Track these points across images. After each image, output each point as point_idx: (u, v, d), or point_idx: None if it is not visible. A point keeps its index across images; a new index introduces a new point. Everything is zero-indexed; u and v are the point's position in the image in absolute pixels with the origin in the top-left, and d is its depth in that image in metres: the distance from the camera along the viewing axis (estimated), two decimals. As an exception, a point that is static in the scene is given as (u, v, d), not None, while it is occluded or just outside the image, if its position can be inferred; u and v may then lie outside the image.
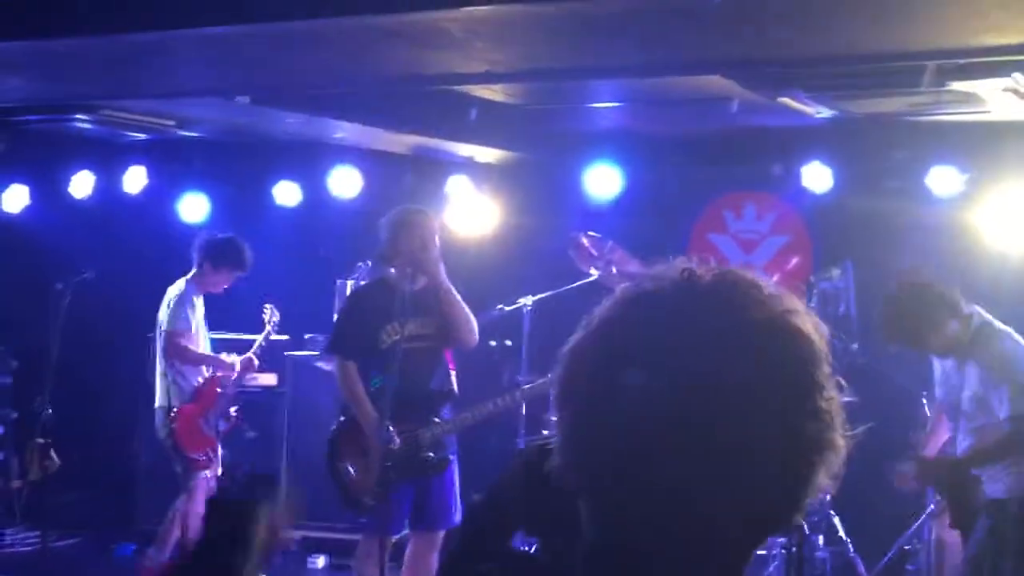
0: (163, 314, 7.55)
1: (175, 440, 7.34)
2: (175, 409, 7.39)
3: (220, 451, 7.53)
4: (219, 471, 7.48)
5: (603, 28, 4.64)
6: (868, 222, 8.30)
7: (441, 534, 6.29)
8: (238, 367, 7.63)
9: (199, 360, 7.53)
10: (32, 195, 9.13)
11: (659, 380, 1.21)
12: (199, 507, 7.32)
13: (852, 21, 4.52)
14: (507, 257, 8.72)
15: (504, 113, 7.46)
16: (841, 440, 1.28)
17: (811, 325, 1.30)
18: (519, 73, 5.86)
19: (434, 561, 6.24)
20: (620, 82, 6.77)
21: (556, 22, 4.57)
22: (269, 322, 7.97)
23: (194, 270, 7.63)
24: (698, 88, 6.75)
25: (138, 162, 9.32)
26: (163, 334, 7.48)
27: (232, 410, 7.68)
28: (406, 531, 6.36)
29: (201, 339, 7.63)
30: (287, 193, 9.47)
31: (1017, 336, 5.50)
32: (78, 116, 7.73)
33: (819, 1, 4.43)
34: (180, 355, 7.46)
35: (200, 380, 7.55)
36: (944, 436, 6.12)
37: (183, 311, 7.48)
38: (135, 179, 9.30)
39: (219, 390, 7.56)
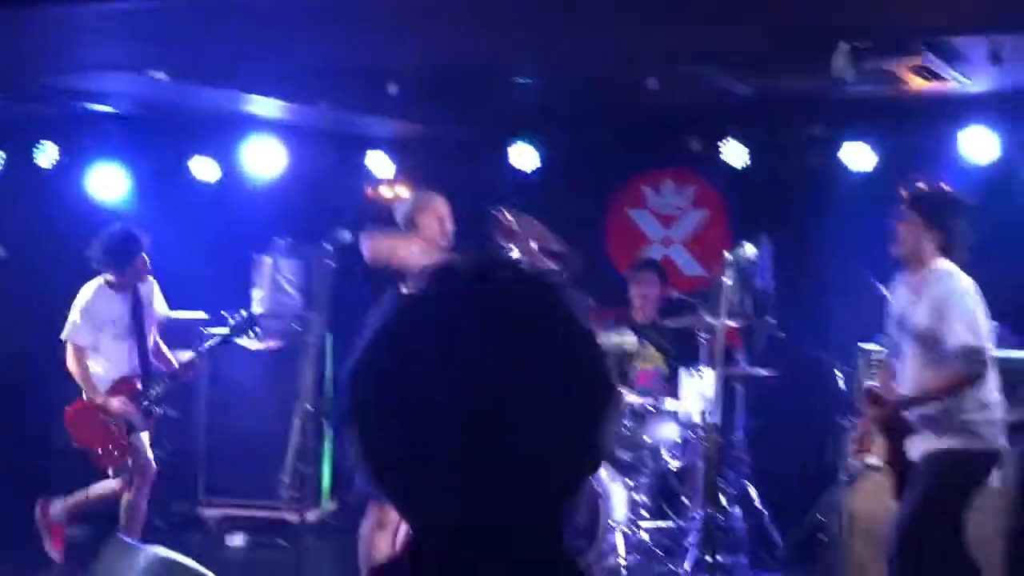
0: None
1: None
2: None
3: (136, 447, 7.37)
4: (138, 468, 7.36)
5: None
6: (785, 197, 8.42)
7: None
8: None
9: (80, 377, 7.35)
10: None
11: (450, 379, 1.26)
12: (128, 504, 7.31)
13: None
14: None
15: (422, 88, 7.42)
16: (617, 385, 1.35)
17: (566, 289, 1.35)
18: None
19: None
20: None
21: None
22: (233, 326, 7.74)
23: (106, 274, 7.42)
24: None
25: (50, 137, 9.15)
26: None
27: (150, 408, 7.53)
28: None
29: (108, 339, 7.46)
30: (204, 168, 9.35)
31: (971, 288, 5.59)
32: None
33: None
34: (71, 370, 7.38)
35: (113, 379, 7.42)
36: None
37: (72, 321, 7.35)
38: (47, 155, 9.14)
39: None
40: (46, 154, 9.16)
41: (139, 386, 7.43)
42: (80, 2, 4.26)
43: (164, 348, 7.74)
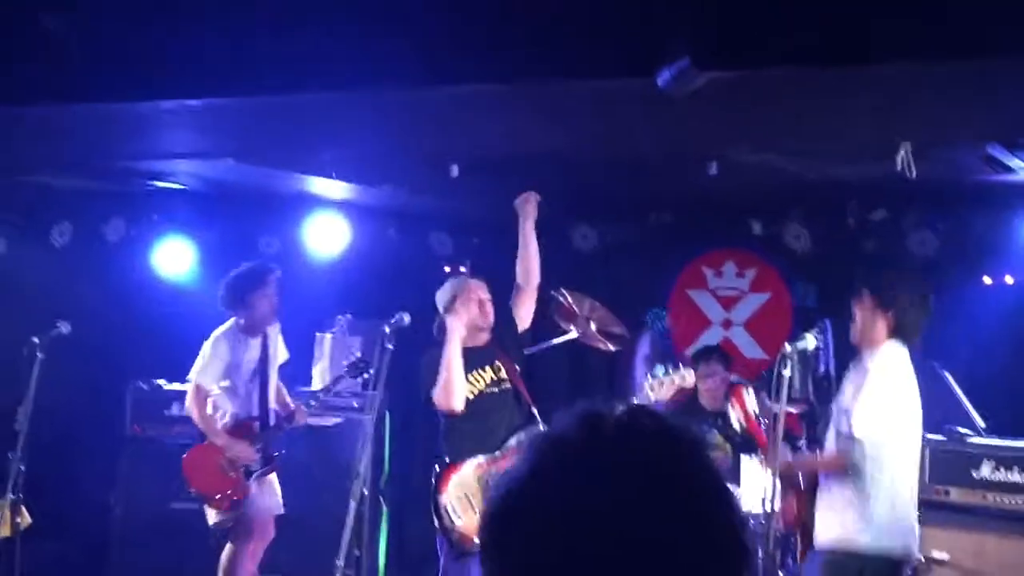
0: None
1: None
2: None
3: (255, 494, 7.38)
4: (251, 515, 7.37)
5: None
6: (846, 281, 8.35)
7: None
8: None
9: (199, 418, 7.38)
10: (10, 244, 9.10)
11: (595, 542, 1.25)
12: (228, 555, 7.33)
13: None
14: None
15: (484, 170, 7.48)
16: (752, 543, 1.36)
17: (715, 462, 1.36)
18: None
19: None
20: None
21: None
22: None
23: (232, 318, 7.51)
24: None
25: (117, 212, 9.31)
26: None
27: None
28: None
29: (233, 382, 7.45)
30: (269, 244, 9.46)
31: (903, 383, 5.53)
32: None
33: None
34: (189, 414, 7.39)
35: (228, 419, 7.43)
36: None
37: (202, 362, 7.39)
38: (115, 229, 9.31)
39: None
40: (114, 228, 9.32)
41: (257, 430, 7.44)
42: (155, 99, 4.37)
43: (285, 392, 7.78)
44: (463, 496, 6.30)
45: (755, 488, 7.04)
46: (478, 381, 6.45)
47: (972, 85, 4.38)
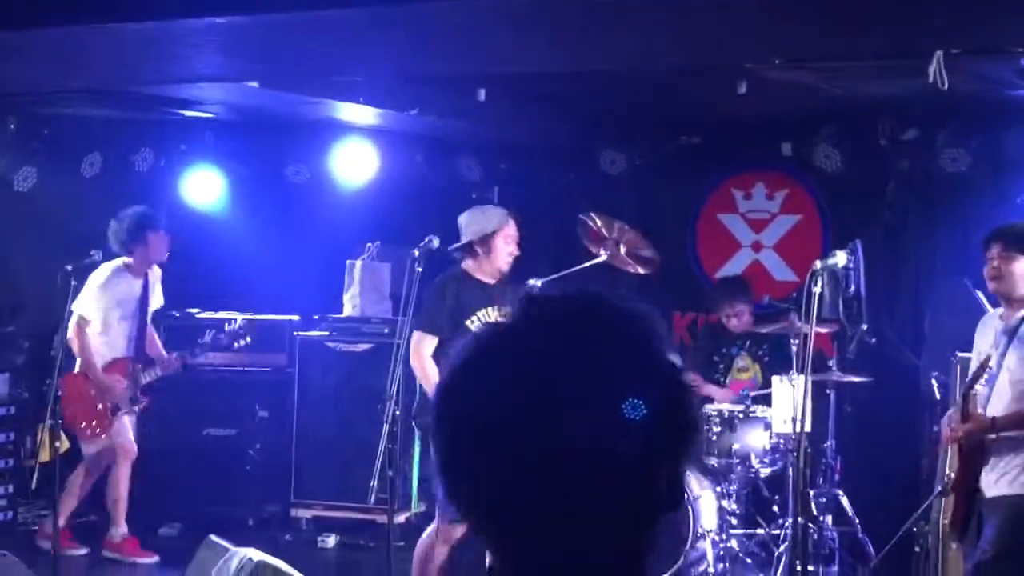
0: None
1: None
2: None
3: (119, 425, 7.72)
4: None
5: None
6: (877, 201, 8.30)
7: None
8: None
9: (80, 349, 7.71)
10: (41, 175, 9.14)
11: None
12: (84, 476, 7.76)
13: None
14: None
15: (511, 93, 7.44)
16: (700, 417, 1.38)
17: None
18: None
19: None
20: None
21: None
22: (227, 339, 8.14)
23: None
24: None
25: (146, 142, 9.34)
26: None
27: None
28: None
29: (112, 320, 7.80)
30: (298, 172, 9.48)
31: None
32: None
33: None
34: (73, 346, 7.70)
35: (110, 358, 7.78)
36: None
37: (87, 294, 7.65)
38: (144, 159, 9.35)
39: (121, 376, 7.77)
40: (144, 158, 9.37)
41: (131, 370, 7.81)
42: (176, 17, 4.34)
43: (156, 338, 8.17)
44: None
45: (785, 408, 7.06)
46: (483, 319, 6.30)
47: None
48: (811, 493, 6.79)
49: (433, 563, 6.31)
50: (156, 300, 8.09)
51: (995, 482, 5.43)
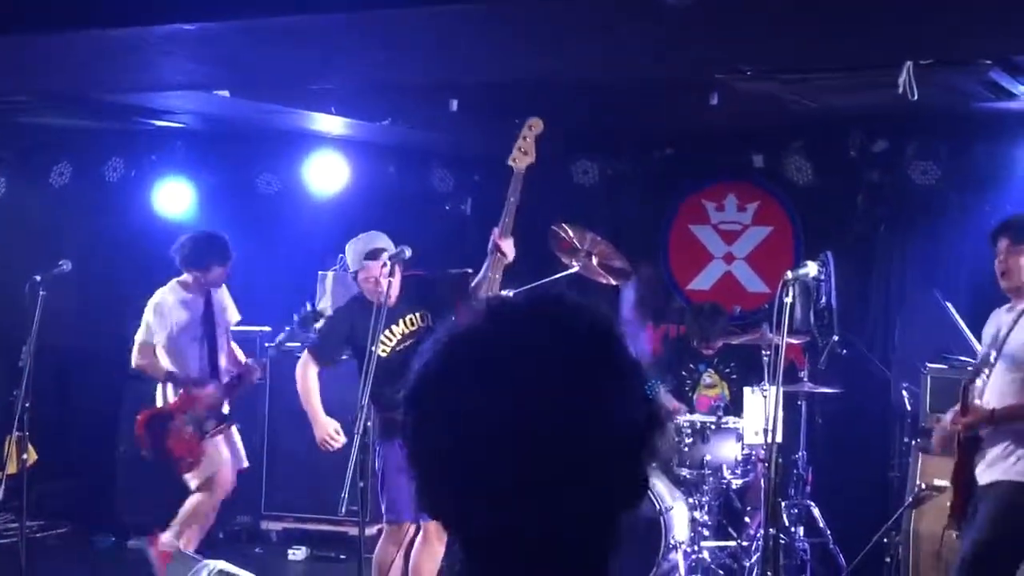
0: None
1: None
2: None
3: (214, 451, 7.41)
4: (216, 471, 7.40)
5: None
6: (848, 212, 8.34)
7: None
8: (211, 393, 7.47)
9: (151, 369, 7.43)
10: (10, 184, 9.09)
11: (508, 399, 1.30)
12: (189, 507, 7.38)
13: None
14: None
15: (483, 104, 7.44)
16: (663, 413, 1.38)
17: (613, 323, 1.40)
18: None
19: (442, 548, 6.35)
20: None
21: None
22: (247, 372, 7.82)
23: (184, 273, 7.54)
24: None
25: (116, 152, 9.29)
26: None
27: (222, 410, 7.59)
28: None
29: (180, 344, 7.49)
30: (269, 183, 9.44)
31: None
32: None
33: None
34: (141, 370, 7.45)
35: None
36: None
37: (146, 320, 7.42)
38: (114, 169, 9.29)
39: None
40: (114, 168, 9.31)
41: (208, 389, 7.46)
42: (145, 24, 4.32)
43: (238, 350, 7.84)
44: None
45: (756, 420, 7.07)
46: (389, 340, 6.37)
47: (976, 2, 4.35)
48: (782, 504, 6.80)
49: (388, 568, 6.30)
50: (232, 315, 7.79)
51: (988, 468, 5.45)
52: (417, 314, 6.50)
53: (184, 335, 7.46)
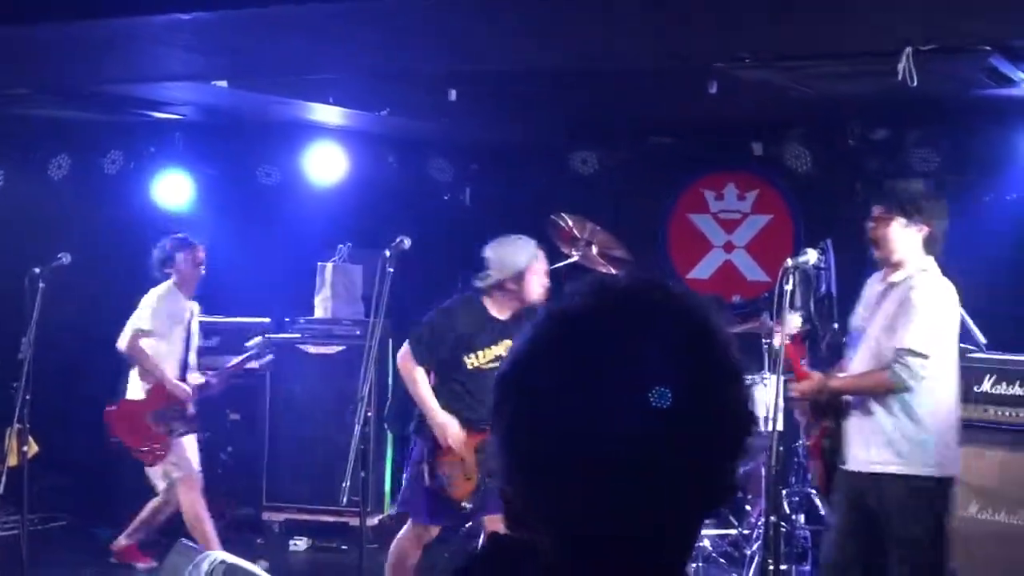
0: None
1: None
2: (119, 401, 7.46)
3: (181, 447, 7.47)
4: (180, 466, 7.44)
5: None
6: (848, 200, 8.32)
7: None
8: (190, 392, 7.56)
9: (150, 367, 7.50)
10: (9, 176, 9.07)
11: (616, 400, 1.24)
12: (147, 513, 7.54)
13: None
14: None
15: (482, 94, 7.42)
16: (754, 412, 1.36)
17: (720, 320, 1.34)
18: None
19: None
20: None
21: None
22: (254, 354, 7.91)
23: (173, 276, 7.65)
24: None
25: (115, 144, 9.27)
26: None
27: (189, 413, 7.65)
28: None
29: (174, 342, 7.60)
30: (268, 174, 9.43)
31: (952, 303, 5.38)
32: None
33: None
34: (135, 356, 7.52)
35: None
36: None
37: (147, 311, 7.49)
38: (113, 162, 9.27)
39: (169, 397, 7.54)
40: (113, 161, 9.29)
41: (185, 391, 7.55)
42: (142, 13, 4.30)
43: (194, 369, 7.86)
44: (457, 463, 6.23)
45: (757, 409, 7.07)
46: (481, 357, 6.19)
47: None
48: (783, 492, 6.81)
49: (407, 565, 6.29)
50: (195, 338, 7.86)
51: (866, 450, 5.36)
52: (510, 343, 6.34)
53: (174, 335, 7.57)
